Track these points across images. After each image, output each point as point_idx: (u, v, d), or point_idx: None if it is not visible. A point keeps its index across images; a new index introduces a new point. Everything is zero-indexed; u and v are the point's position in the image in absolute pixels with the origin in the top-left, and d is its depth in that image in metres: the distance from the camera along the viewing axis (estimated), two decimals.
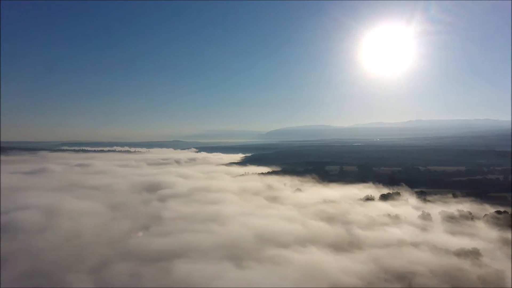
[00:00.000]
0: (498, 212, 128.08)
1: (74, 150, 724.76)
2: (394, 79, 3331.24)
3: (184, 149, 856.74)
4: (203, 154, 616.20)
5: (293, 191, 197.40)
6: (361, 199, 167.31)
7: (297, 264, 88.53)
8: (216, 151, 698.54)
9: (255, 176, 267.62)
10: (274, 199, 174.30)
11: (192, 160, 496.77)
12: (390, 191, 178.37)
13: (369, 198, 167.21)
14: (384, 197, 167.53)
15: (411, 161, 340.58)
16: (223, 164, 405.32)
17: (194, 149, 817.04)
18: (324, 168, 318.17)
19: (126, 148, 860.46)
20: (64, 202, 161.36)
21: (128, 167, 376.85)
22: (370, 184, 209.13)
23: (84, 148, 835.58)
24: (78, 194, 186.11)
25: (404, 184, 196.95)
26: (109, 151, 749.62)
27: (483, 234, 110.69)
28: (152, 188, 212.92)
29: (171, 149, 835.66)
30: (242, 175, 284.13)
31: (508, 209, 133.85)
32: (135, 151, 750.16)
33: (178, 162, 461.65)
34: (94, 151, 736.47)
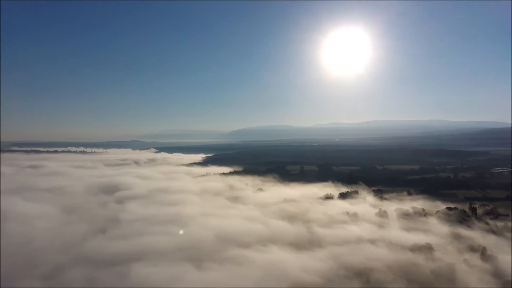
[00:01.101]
0: (449, 208, 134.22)
1: (25, 151, 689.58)
2: (353, 81, 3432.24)
3: (143, 149, 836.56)
4: (163, 155, 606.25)
5: (255, 191, 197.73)
6: (321, 198, 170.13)
7: (258, 264, 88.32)
8: (177, 152, 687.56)
9: (216, 177, 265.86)
10: (235, 199, 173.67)
11: (151, 160, 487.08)
12: (349, 190, 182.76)
13: (328, 197, 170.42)
14: (343, 196, 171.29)
15: (368, 161, 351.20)
16: (183, 165, 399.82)
17: (154, 150, 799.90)
18: (285, 167, 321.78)
19: (82, 149, 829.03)
20: (14, 205, 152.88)
21: (84, 169, 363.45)
22: (330, 183, 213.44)
23: (36, 148, 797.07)
24: (30, 197, 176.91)
25: (362, 183, 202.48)
26: (63, 151, 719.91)
27: (435, 230, 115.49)
28: (110, 189, 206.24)
29: (129, 150, 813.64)
30: (203, 175, 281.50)
31: (458, 206, 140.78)
32: (91, 152, 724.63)
33: (136, 162, 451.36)
34: (47, 151, 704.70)
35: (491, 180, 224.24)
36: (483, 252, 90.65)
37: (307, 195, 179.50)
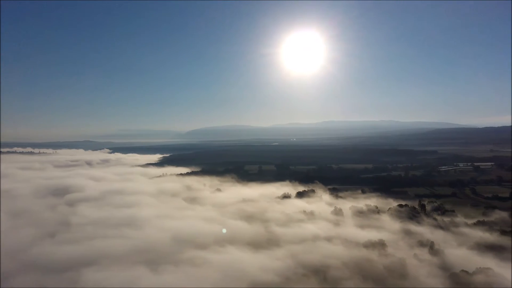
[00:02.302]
0: (400, 205, 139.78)
1: None
2: (310, 82, 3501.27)
3: (96, 149, 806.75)
4: (117, 155, 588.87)
5: (213, 191, 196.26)
6: (278, 197, 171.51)
7: (216, 265, 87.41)
8: (132, 152, 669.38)
9: (173, 177, 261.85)
10: (193, 200, 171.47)
11: (105, 161, 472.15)
12: (306, 189, 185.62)
13: (286, 196, 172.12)
14: (300, 195, 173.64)
15: (324, 160, 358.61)
16: (139, 165, 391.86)
17: (107, 150, 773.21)
18: (244, 167, 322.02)
19: (29, 149, 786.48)
20: None
21: (32, 170, 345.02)
22: (287, 182, 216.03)
23: None
24: None
25: (318, 182, 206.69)
26: (8, 152, 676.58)
27: (387, 226, 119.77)
28: (59, 192, 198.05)
29: (81, 150, 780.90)
30: (160, 176, 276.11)
31: (409, 203, 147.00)
32: (39, 153, 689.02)
33: (89, 163, 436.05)
34: None
35: (438, 178, 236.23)
36: (431, 247, 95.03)
37: (265, 195, 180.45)
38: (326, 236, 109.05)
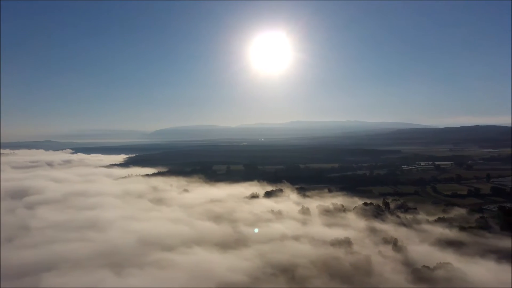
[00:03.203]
0: (365, 204, 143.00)
1: None
2: (278, 82, 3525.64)
3: (57, 150, 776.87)
4: (80, 156, 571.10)
5: (180, 192, 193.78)
6: (246, 197, 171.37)
7: (183, 267, 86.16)
8: (95, 152, 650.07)
9: (139, 178, 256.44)
10: (159, 201, 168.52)
11: (66, 162, 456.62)
12: (274, 189, 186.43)
13: (254, 196, 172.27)
14: (268, 194, 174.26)
15: (292, 160, 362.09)
16: (103, 166, 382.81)
17: (70, 150, 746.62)
18: (212, 168, 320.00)
19: None
20: None
21: None
22: (256, 182, 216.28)
23: None
24: None
25: (286, 181, 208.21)
26: None
27: (353, 224, 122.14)
28: (18, 194, 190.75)
29: (41, 151, 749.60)
30: (125, 177, 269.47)
31: (374, 201, 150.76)
32: None
33: (50, 164, 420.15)
34: None
35: (401, 177, 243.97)
36: (395, 244, 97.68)
37: (233, 195, 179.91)
38: (293, 235, 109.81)
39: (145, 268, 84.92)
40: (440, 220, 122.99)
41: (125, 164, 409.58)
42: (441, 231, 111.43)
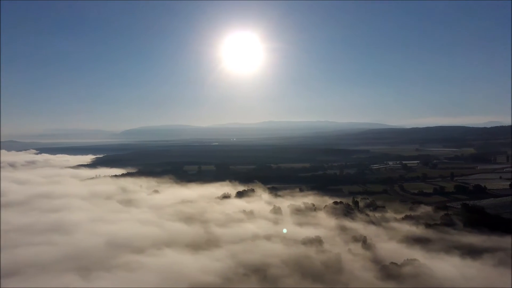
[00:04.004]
0: (336, 202, 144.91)
1: None
2: (250, 82, 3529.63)
3: (20, 150, 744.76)
4: (45, 156, 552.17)
5: (150, 193, 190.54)
6: (218, 198, 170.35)
7: (153, 269, 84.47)
8: (61, 153, 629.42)
9: (107, 179, 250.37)
10: (128, 203, 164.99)
11: (30, 163, 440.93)
12: (246, 188, 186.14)
13: (226, 196, 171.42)
14: (240, 194, 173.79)
15: (264, 160, 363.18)
16: (69, 167, 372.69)
17: (34, 151, 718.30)
18: (183, 168, 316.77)
19: None
20: None
21: None
22: (227, 182, 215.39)
23: None
24: None
25: (258, 181, 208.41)
26: None
27: (324, 223, 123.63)
28: None
29: (3, 151, 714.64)
30: (92, 178, 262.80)
31: (343, 200, 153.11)
32: None
33: (12, 165, 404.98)
34: None
35: (370, 176, 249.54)
36: (364, 241, 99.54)
37: (204, 195, 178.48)
38: (265, 234, 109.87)
39: (114, 271, 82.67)
40: (407, 218, 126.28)
41: (93, 164, 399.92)
42: (408, 228, 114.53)
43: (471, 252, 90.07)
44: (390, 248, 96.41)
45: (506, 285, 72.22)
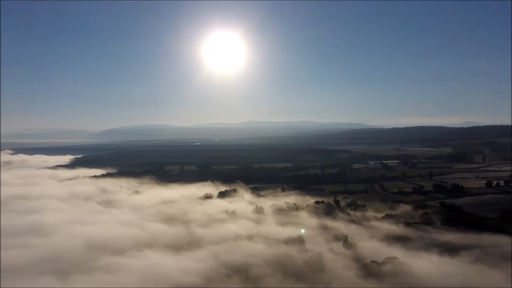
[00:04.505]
0: (317, 202, 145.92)
1: None
2: (231, 82, 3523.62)
3: None
4: (21, 157, 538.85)
5: (130, 194, 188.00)
6: (200, 198, 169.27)
7: (134, 270, 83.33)
8: (38, 153, 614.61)
9: (86, 180, 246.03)
10: (108, 204, 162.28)
11: (6, 163, 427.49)
12: (228, 189, 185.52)
13: (208, 196, 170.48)
14: (222, 195, 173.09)
15: (246, 160, 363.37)
16: (47, 168, 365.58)
17: (10, 151, 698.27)
18: (164, 168, 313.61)
19: None
20: None
21: None
22: (209, 183, 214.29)
23: None
24: None
25: (240, 181, 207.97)
26: None
27: (306, 223, 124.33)
28: None
29: None
30: (71, 179, 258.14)
31: (325, 199, 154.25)
32: None
33: None
34: None
35: (351, 175, 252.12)
36: (345, 240, 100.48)
37: (186, 196, 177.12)
38: (247, 234, 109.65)
39: (93, 273, 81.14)
40: (387, 217, 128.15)
41: (71, 165, 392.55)
42: (388, 227, 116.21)
43: (449, 249, 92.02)
44: (371, 246, 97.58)
45: (482, 280, 73.95)
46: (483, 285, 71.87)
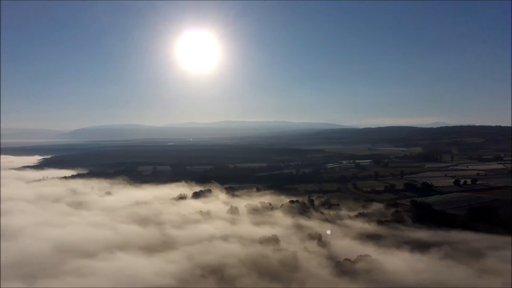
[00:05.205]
0: (292, 201, 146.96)
1: None
2: (205, 82, 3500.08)
3: None
4: None
5: (102, 195, 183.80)
6: (174, 199, 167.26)
7: (106, 273, 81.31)
8: (4, 153, 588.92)
9: (55, 181, 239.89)
10: (79, 205, 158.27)
11: None
12: (202, 189, 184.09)
13: (182, 197, 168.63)
14: (196, 195, 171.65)
15: (221, 160, 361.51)
16: (13, 169, 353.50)
17: None
18: (137, 169, 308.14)
19: None
20: None
21: None
22: (183, 183, 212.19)
23: None
24: None
25: (215, 182, 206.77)
26: None
27: (280, 222, 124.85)
28: None
29: None
30: (39, 180, 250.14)
31: (300, 199, 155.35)
32: None
33: None
34: None
35: (325, 175, 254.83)
36: (319, 239, 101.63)
37: (160, 197, 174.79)
38: (222, 235, 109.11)
39: (62, 277, 78.54)
40: (360, 215, 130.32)
41: (40, 166, 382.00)
42: (361, 225, 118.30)
43: (420, 246, 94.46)
44: (344, 245, 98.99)
45: (451, 276, 76.23)
46: (452, 281, 74.02)
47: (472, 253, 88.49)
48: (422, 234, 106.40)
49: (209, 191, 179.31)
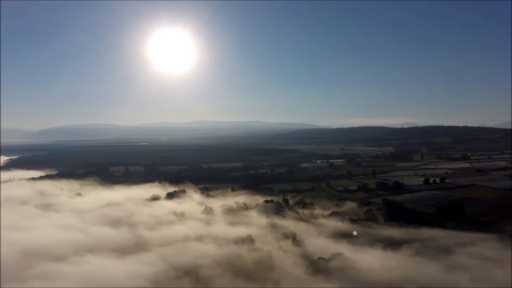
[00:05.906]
0: (267, 201, 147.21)
1: None
2: (179, 81, 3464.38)
3: None
4: None
5: (72, 196, 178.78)
6: (147, 199, 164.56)
7: (75, 277, 78.94)
8: None
9: (22, 182, 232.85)
10: (47, 207, 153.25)
11: None
12: (176, 189, 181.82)
13: (155, 198, 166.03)
14: (170, 196, 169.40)
15: (195, 160, 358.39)
16: None
17: None
18: (108, 169, 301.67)
19: None
20: None
21: None
22: (157, 184, 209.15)
23: None
24: None
25: (189, 182, 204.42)
26: None
27: (255, 222, 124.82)
28: None
29: None
30: (5, 181, 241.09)
31: (274, 198, 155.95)
32: None
33: None
34: None
35: (299, 174, 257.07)
36: (294, 238, 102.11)
37: (132, 198, 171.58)
38: (196, 235, 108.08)
39: (29, 282, 75.61)
40: (334, 214, 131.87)
41: (6, 167, 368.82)
42: (335, 224, 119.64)
43: (392, 244, 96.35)
44: (319, 243, 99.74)
45: (422, 272, 78.16)
46: (422, 277, 75.87)
47: (441, 249, 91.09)
48: (394, 232, 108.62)
49: (183, 191, 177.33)
